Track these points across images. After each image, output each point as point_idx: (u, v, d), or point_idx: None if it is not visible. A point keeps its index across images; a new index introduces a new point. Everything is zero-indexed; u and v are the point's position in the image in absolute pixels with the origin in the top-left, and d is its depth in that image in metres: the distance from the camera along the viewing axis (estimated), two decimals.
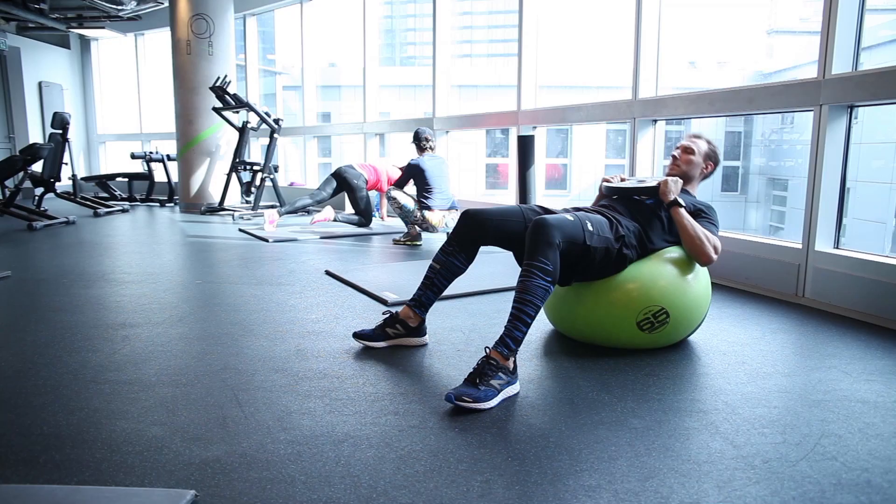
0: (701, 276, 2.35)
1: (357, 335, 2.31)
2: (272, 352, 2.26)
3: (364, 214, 5.56)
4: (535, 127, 5.17)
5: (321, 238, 5.10)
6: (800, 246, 3.07)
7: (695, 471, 1.45)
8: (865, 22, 2.93)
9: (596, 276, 2.24)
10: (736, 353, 2.30)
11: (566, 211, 2.35)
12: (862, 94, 2.79)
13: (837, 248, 3.00)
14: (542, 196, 4.82)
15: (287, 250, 4.50)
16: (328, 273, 3.65)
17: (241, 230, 5.53)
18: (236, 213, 6.42)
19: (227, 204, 6.96)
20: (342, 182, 5.59)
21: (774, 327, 2.65)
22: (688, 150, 2.55)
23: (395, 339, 2.30)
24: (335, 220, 5.47)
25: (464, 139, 13.79)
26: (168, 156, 8.14)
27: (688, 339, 2.43)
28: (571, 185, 16.09)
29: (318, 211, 5.75)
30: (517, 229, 2.20)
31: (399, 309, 2.35)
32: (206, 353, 2.25)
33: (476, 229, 2.23)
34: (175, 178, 7.85)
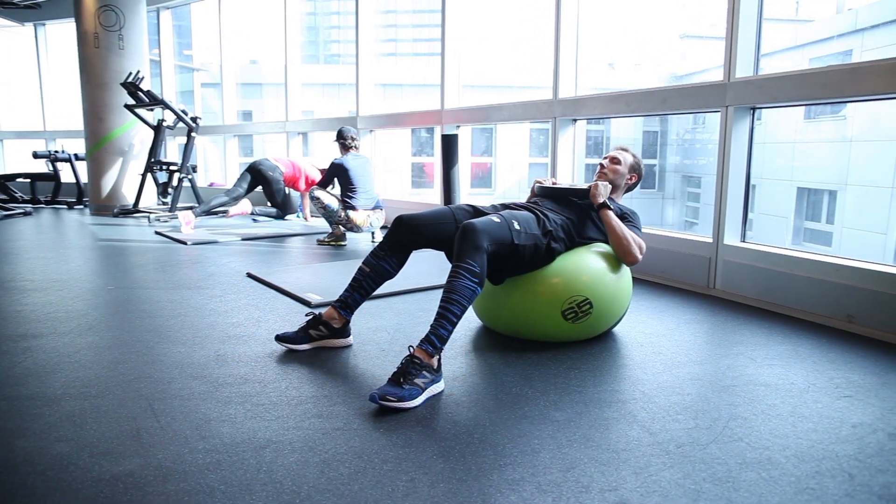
0: (623, 270, 2.44)
1: (279, 338, 2.26)
2: (190, 358, 2.17)
3: (281, 207, 5.46)
4: (458, 126, 5.21)
5: (243, 240, 4.96)
6: (710, 240, 3.23)
7: (614, 459, 1.50)
8: (764, 30, 3.12)
9: (528, 270, 2.30)
10: (652, 343, 2.40)
11: (494, 209, 2.39)
12: (763, 97, 2.97)
13: (744, 241, 3.18)
14: (467, 194, 4.86)
15: (206, 253, 4.35)
16: (250, 275, 3.55)
17: (157, 233, 5.30)
18: (152, 215, 6.15)
19: (142, 205, 6.65)
20: (257, 175, 5.48)
21: (688, 318, 2.77)
22: (615, 161, 2.69)
23: (318, 341, 2.26)
24: (252, 214, 5.35)
25: (389, 138, 13.73)
26: (76, 155, 7.69)
27: (610, 331, 2.51)
28: (496, 183, 16.33)
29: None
30: (449, 232, 2.22)
31: (323, 310, 2.31)
32: (118, 362, 2.14)
33: (409, 235, 2.23)
34: (84, 178, 7.43)
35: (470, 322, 2.64)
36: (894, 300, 2.44)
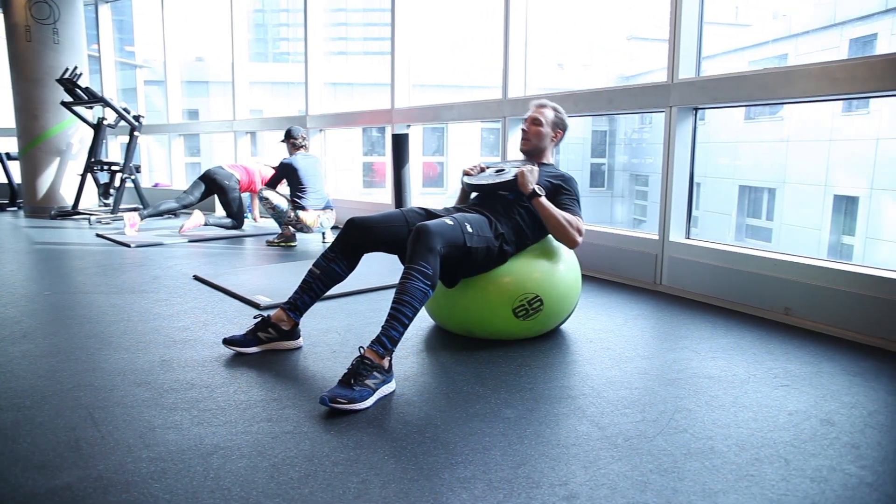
0: (572, 267, 2.48)
1: (227, 341, 2.21)
2: (134, 364, 2.11)
3: (237, 217, 5.33)
4: (409, 125, 5.20)
5: (189, 241, 4.83)
6: (657, 237, 3.31)
7: (564, 454, 1.52)
8: (706, 33, 3.22)
9: (480, 272, 2.30)
10: (601, 339, 2.44)
11: (447, 212, 2.38)
12: (704, 98, 3.06)
13: (688, 238, 3.27)
14: (418, 194, 4.86)
15: (151, 256, 4.22)
16: (196, 278, 3.46)
17: (98, 235, 5.11)
18: (93, 217, 5.93)
19: (81, 207, 6.41)
20: (212, 184, 5.33)
21: (636, 314, 2.84)
22: (536, 122, 2.57)
23: (267, 344, 2.22)
24: (206, 225, 5.20)
25: (340, 138, 13.60)
26: (7, 154, 7.34)
27: (560, 328, 2.54)
28: (448, 183, 16.37)
29: (188, 215, 5.43)
30: (401, 234, 2.21)
31: (272, 312, 2.27)
32: (55, 370, 2.05)
33: (360, 237, 2.21)
34: (17, 178, 7.10)
35: (422, 321, 2.63)
36: (828, 293, 2.55)
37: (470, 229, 2.16)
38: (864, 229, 10.20)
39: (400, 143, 4.01)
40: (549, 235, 2.45)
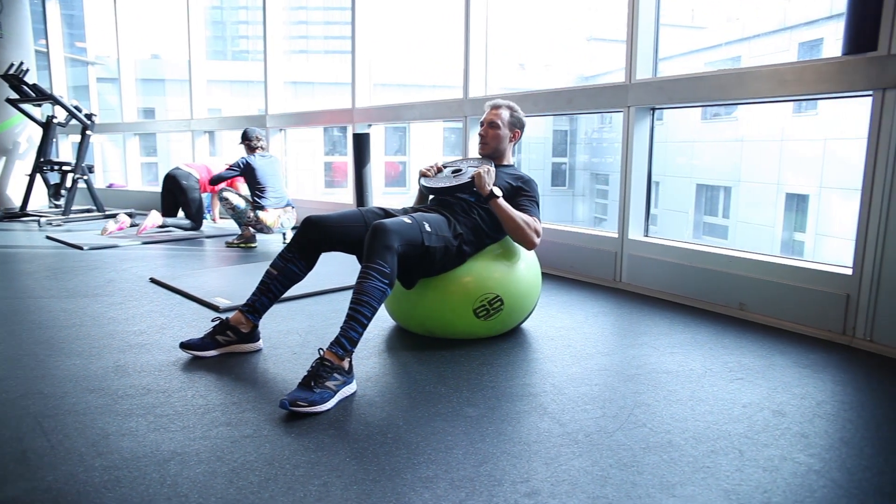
0: (532, 266, 2.50)
1: (184, 345, 2.16)
2: (86, 370, 2.04)
3: (195, 218, 5.22)
4: (370, 125, 5.17)
5: (145, 243, 4.71)
6: (616, 235, 3.36)
7: (525, 451, 1.53)
8: (663, 35, 3.28)
9: (439, 272, 2.29)
10: (562, 337, 2.47)
11: (405, 212, 2.37)
12: (661, 98, 3.12)
13: (647, 236, 3.33)
14: (381, 194, 4.84)
15: (105, 258, 4.10)
16: (153, 280, 3.38)
17: (49, 238, 4.95)
18: (43, 219, 5.73)
19: (30, 208, 6.19)
20: (172, 184, 5.21)
21: (596, 311, 2.88)
22: (493, 125, 2.55)
23: (226, 347, 2.18)
24: (164, 227, 5.07)
25: (301, 137, 13.47)
26: None
27: (520, 326, 2.56)
28: (410, 182, 16.35)
29: (143, 216, 5.29)
30: (358, 233, 2.19)
31: (230, 315, 2.23)
32: (1, 378, 1.98)
33: (318, 236, 2.18)
34: None
35: (383, 322, 2.62)
36: (780, 288, 2.63)
37: (428, 228, 2.16)
38: (815, 226, 10.56)
39: (361, 142, 3.99)
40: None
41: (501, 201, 2.32)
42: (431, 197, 2.59)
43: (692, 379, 2.02)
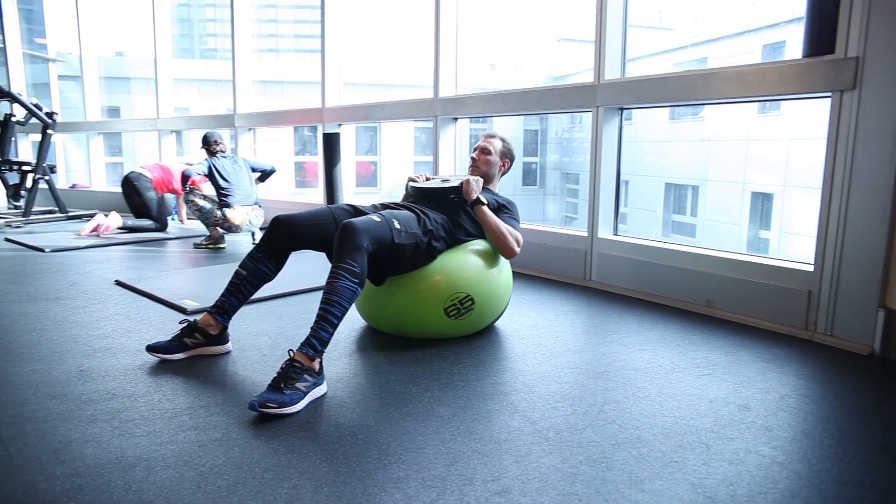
0: (503, 266, 2.51)
1: (151, 348, 2.12)
2: (48, 376, 1.99)
3: (158, 220, 5.13)
4: (340, 124, 5.14)
5: (110, 245, 4.61)
6: (586, 234, 3.39)
7: (496, 450, 1.54)
8: (632, 36, 3.33)
9: (409, 269, 2.29)
10: (533, 335, 2.49)
11: (374, 209, 2.37)
12: (629, 98, 3.16)
13: (616, 235, 3.37)
14: (352, 194, 4.81)
15: (68, 260, 4.01)
16: (118, 283, 3.31)
17: (8, 240, 4.81)
18: (2, 221, 5.57)
19: None
20: (128, 187, 5.13)
21: (566, 309, 2.90)
22: (485, 151, 2.71)
23: (194, 350, 2.15)
24: (126, 228, 4.97)
25: (271, 137, 13.31)
26: None
27: (492, 325, 2.57)
28: (382, 182, 16.29)
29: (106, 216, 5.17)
30: (329, 232, 2.18)
31: (199, 317, 2.20)
32: None
33: (287, 236, 2.17)
34: None
35: (354, 322, 2.61)
36: (746, 285, 2.68)
37: (398, 226, 2.16)
38: (779, 224, 10.80)
39: (331, 142, 3.96)
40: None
41: (486, 209, 2.43)
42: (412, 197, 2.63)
43: (660, 375, 2.05)
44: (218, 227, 4.51)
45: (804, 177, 10.08)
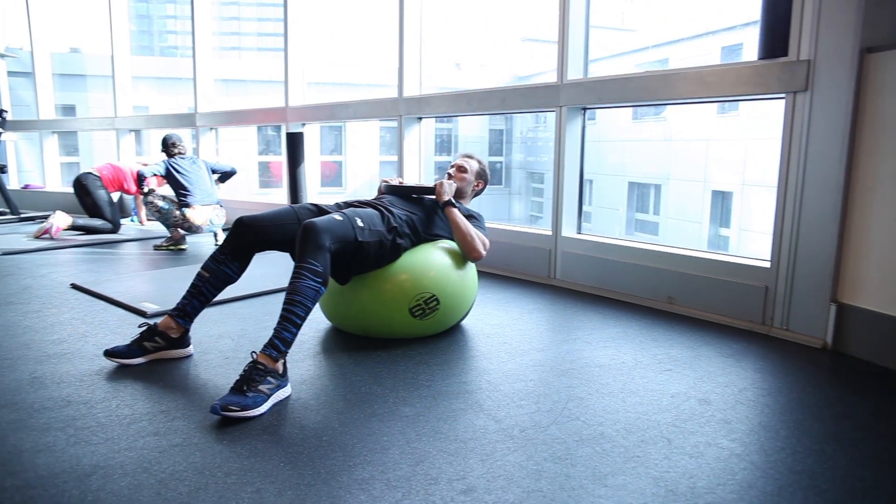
0: (468, 266, 2.51)
1: (109, 353, 2.07)
2: None
3: (110, 220, 5.00)
4: (304, 124, 5.09)
5: (67, 247, 4.48)
6: (550, 233, 3.43)
7: (461, 449, 1.54)
8: (595, 37, 3.37)
9: (375, 267, 2.28)
10: (498, 334, 2.50)
11: (338, 207, 2.35)
12: (591, 98, 3.19)
13: (580, 233, 3.40)
14: (316, 194, 4.77)
15: (21, 264, 3.88)
16: (74, 286, 3.22)
17: None
18: None
19: None
20: (78, 188, 5.00)
21: (531, 308, 2.92)
22: (462, 169, 2.75)
23: (154, 354, 2.10)
24: (76, 228, 4.83)
25: (234, 136, 13.11)
26: None
27: (458, 324, 2.57)
28: (347, 182, 16.19)
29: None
30: (292, 232, 2.15)
31: (159, 320, 2.15)
32: None
33: (251, 237, 2.14)
34: None
35: (318, 323, 2.59)
36: (706, 282, 2.74)
37: (361, 224, 2.15)
38: (739, 222, 11.07)
39: (294, 141, 3.92)
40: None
41: (456, 210, 2.48)
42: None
43: (623, 372, 2.08)
44: (178, 228, 4.42)
45: (762, 176, 10.35)
